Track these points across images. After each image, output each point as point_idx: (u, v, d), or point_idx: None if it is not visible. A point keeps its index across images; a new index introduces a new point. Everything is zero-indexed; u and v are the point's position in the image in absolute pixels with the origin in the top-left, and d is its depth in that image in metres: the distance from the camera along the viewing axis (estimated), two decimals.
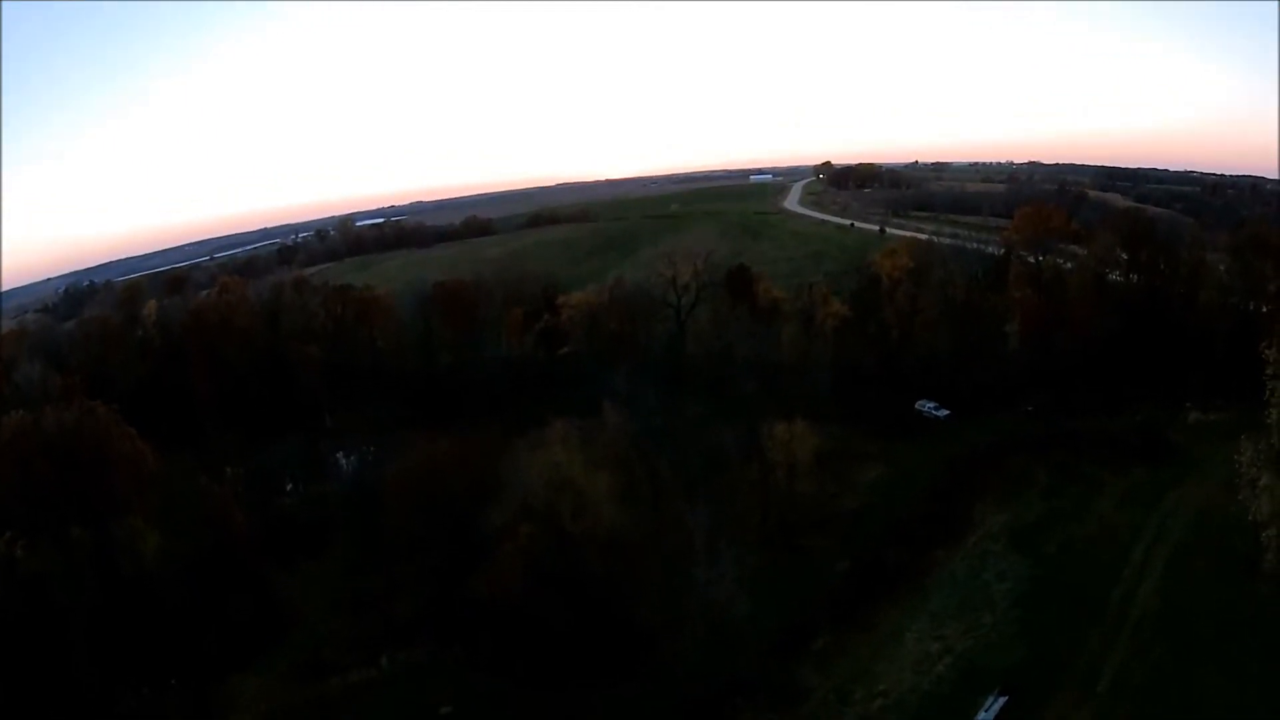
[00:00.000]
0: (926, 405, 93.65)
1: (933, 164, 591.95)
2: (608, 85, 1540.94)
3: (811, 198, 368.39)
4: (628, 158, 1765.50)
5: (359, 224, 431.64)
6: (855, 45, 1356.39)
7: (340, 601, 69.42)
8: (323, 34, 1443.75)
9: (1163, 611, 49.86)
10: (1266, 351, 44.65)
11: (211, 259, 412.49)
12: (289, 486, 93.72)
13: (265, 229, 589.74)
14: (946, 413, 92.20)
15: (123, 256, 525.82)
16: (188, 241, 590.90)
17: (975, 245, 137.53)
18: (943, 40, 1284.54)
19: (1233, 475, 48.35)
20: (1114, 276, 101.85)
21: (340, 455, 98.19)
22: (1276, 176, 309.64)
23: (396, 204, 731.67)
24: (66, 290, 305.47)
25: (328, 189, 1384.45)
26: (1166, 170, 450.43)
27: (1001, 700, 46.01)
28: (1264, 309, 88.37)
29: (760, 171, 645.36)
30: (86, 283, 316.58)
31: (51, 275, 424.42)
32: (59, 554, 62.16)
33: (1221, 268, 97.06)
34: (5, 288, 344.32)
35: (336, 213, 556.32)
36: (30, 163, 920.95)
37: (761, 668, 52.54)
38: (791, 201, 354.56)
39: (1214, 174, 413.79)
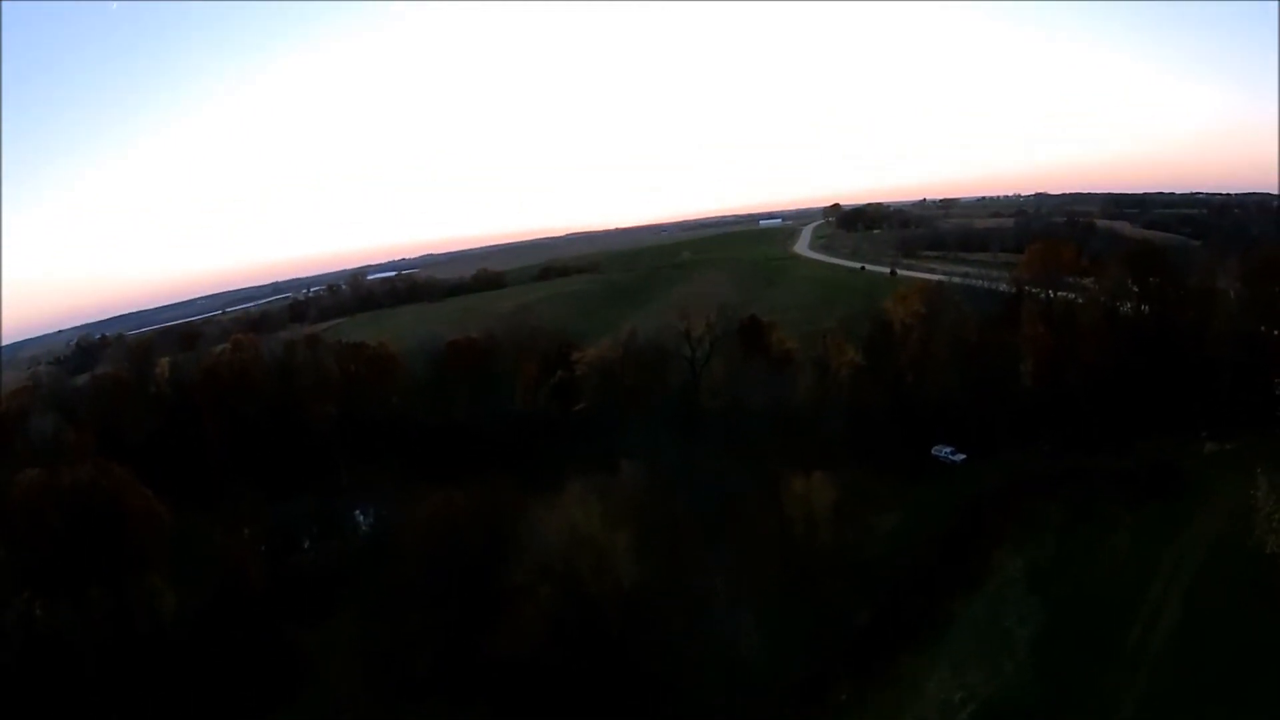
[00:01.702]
0: (944, 451, 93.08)
1: (941, 201, 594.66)
2: (616, 134, 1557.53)
3: (821, 241, 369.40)
4: (639, 204, 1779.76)
5: (370, 277, 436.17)
6: (858, 85, 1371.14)
7: (356, 657, 68.56)
8: (329, 85, 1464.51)
9: (1179, 651, 49.29)
10: None
11: (224, 313, 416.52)
12: (306, 545, 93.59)
13: (276, 283, 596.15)
14: (963, 457, 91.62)
15: (134, 310, 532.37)
16: (199, 295, 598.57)
17: (986, 284, 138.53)
18: (944, 76, 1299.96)
19: (1247, 505, 47.95)
20: (1125, 308, 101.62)
21: (357, 513, 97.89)
22: (1277, 191, 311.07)
23: (407, 256, 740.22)
24: (78, 343, 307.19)
25: (339, 241, 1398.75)
26: (1173, 193, 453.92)
27: None
28: (1276, 332, 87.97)
29: (770, 216, 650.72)
30: (98, 335, 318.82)
31: (62, 327, 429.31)
32: (77, 613, 62.38)
33: (1232, 294, 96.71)
34: (17, 339, 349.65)
35: (347, 264, 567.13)
36: (39, 215, 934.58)
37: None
38: (802, 245, 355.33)
39: (1220, 194, 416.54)
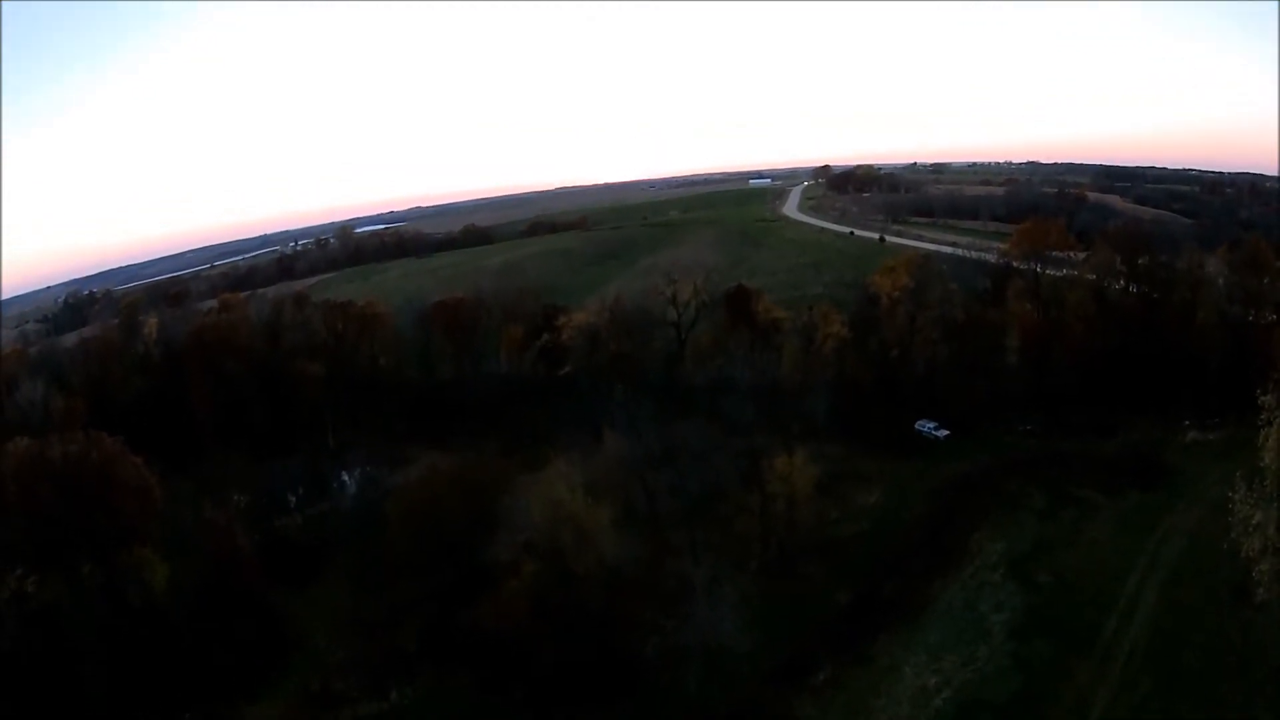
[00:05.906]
0: (926, 426, 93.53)
1: (932, 165, 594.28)
2: (607, 89, 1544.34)
3: (810, 203, 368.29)
4: (627, 161, 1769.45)
5: (359, 231, 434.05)
6: (855, 47, 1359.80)
7: (344, 627, 69.46)
8: (324, 37, 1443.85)
9: (1153, 644, 50.46)
10: (1262, 398, 44.97)
11: (212, 267, 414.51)
12: (293, 501, 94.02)
13: (265, 236, 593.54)
14: (946, 433, 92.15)
15: (123, 264, 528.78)
16: (188, 249, 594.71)
17: (975, 254, 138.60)
18: (942, 41, 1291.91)
19: (1226, 499, 48.70)
20: (1114, 287, 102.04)
21: (343, 473, 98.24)
22: (1276, 174, 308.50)
23: (396, 209, 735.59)
24: (67, 300, 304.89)
25: (328, 194, 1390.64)
26: (1165, 169, 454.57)
27: None
28: (1265, 319, 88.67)
29: (759, 175, 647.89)
30: (87, 292, 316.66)
31: (52, 283, 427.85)
32: (68, 587, 62.84)
33: (1220, 281, 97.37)
34: (7, 295, 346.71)
35: (337, 218, 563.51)
36: (30, 169, 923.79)
37: (759, 700, 53.15)
38: (790, 207, 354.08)
39: (1213, 171, 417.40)
